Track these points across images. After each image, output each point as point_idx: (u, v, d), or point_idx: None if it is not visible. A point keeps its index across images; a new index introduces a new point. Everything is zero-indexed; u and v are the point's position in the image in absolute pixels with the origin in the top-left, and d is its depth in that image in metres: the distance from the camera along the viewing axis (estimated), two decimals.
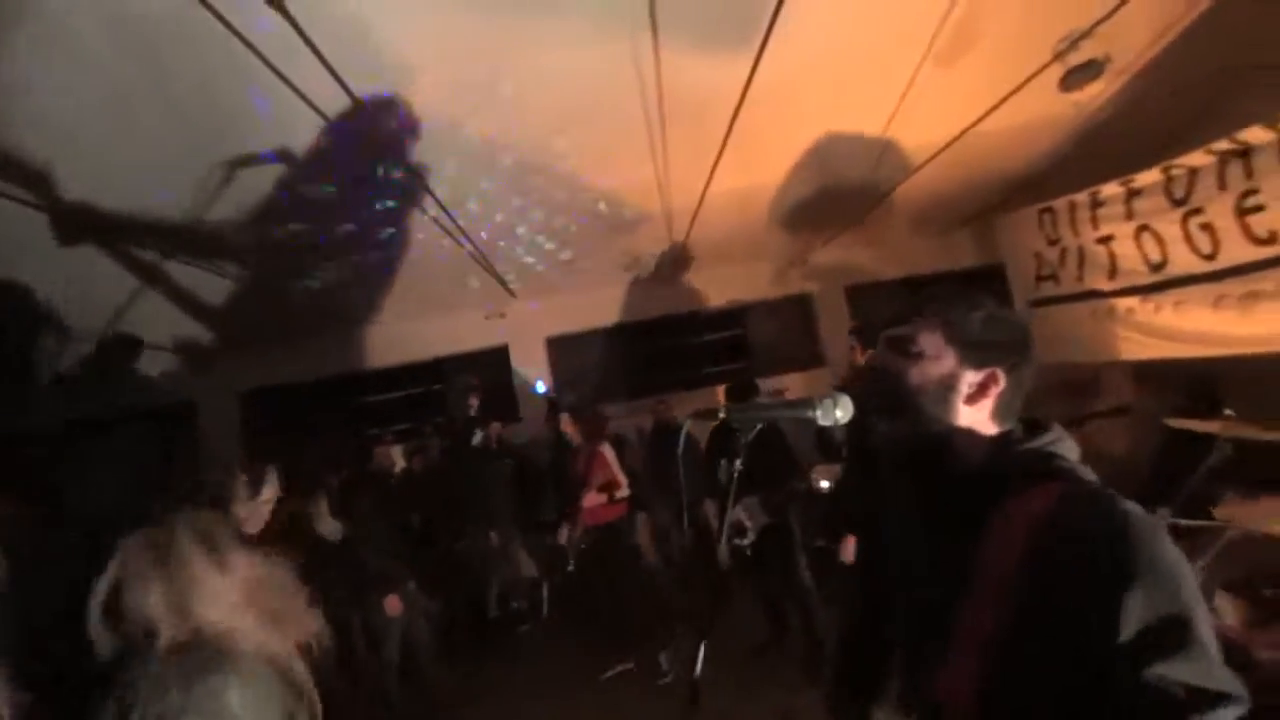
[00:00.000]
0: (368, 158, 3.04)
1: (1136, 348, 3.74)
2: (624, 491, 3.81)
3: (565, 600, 4.67)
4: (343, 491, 3.38)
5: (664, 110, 3.07)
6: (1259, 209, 2.95)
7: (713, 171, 3.59)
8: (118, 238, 3.21)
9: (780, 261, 5.87)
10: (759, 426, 1.06)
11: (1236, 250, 3.08)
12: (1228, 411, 2.56)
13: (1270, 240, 2.94)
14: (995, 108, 3.37)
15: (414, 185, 3.28)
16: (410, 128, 2.83)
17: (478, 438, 4.43)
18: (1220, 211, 3.11)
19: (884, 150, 3.90)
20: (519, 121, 3.01)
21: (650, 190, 3.90)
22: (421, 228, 3.80)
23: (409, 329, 5.58)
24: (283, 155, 2.88)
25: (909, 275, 6.05)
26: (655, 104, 3.01)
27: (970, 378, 0.94)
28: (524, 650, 4.48)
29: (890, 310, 1.03)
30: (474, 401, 4.43)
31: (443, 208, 3.51)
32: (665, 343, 6.11)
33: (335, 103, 2.50)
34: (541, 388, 5.67)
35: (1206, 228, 3.20)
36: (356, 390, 5.73)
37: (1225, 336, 3.19)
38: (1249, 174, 2.98)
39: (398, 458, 4.59)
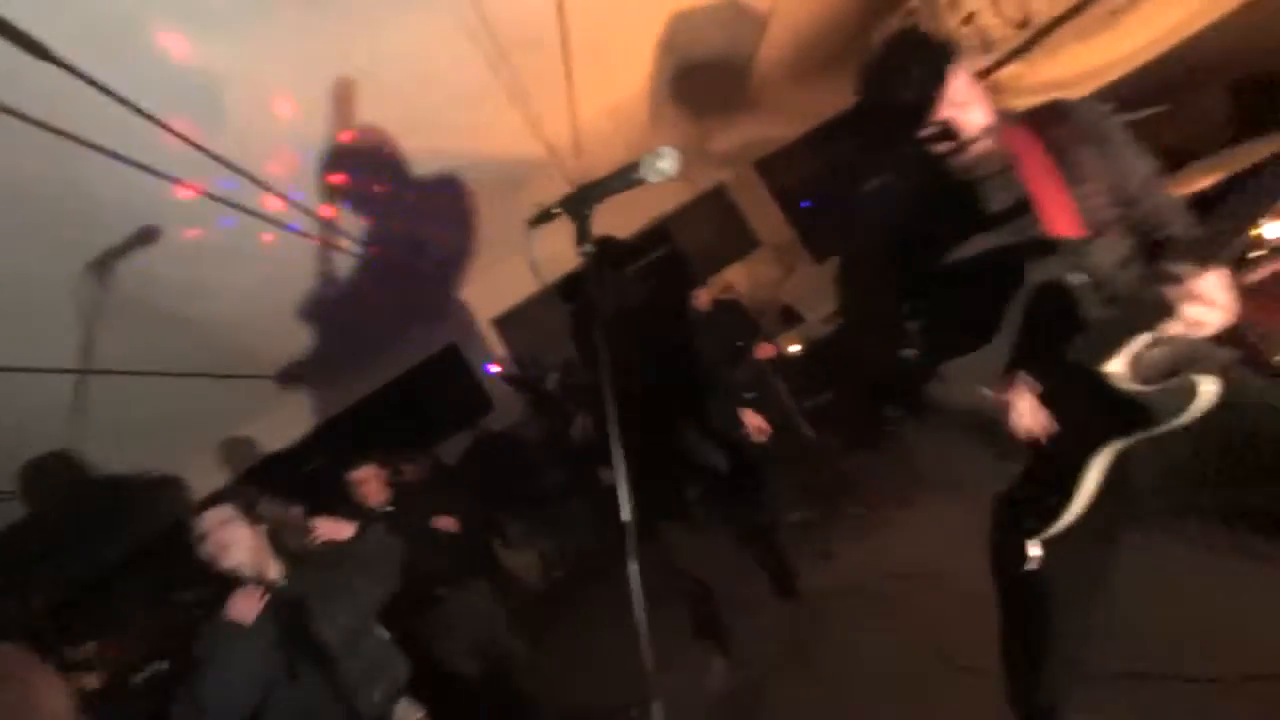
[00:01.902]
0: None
1: None
2: None
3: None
4: None
5: (501, 49, 2.98)
6: None
7: (571, 97, 3.50)
8: None
9: (682, 161, 5.80)
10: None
11: None
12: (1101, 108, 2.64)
13: None
14: None
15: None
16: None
17: None
18: None
19: (729, 10, 3.82)
20: (377, 110, 2.91)
21: (525, 136, 3.81)
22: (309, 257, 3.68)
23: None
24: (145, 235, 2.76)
25: (812, 129, 6.02)
26: (490, 46, 2.91)
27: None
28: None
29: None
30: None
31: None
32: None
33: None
34: (493, 369, 5.56)
35: None
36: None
37: (1102, 65, 3.23)
38: None
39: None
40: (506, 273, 5.65)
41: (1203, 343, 1.17)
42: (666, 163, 1.03)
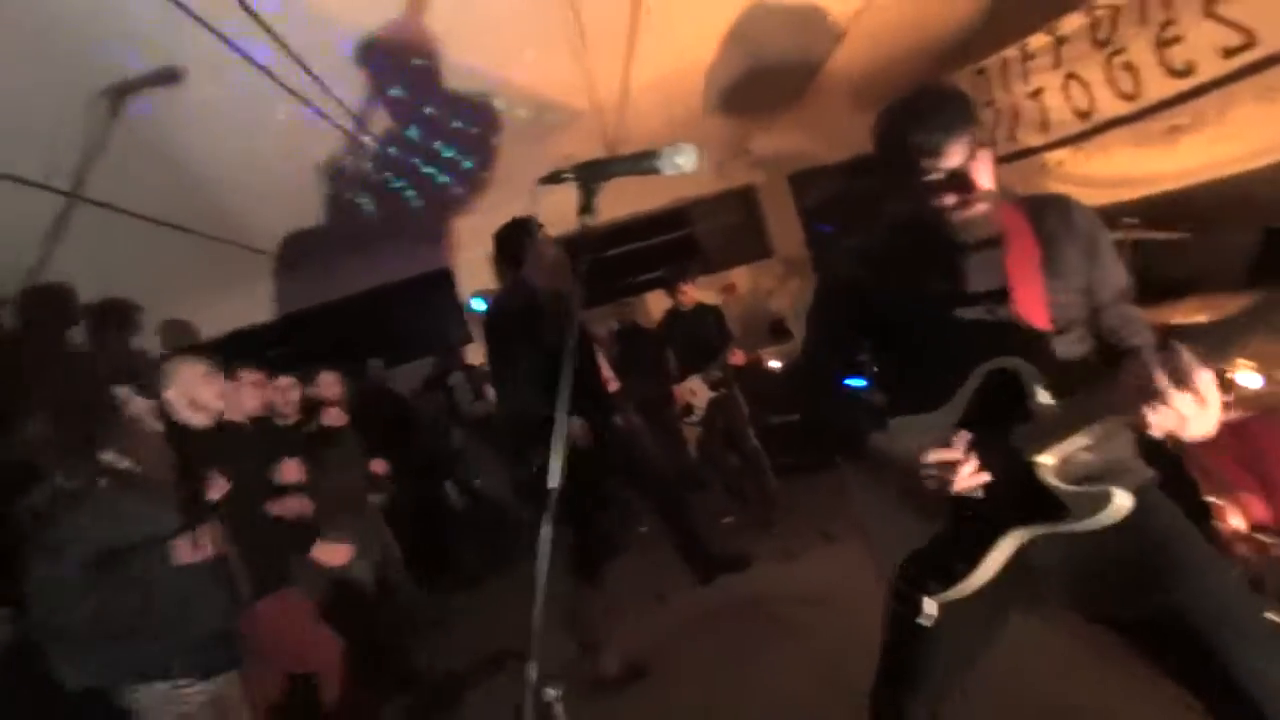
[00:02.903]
0: None
1: None
2: (614, 385, 4.05)
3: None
4: None
5: None
6: (1176, 40, 2.94)
7: (629, 59, 3.43)
8: None
9: (721, 153, 5.75)
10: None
11: (1156, 87, 3.09)
12: (1129, 219, 2.67)
13: (1187, 72, 2.95)
14: None
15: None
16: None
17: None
18: (1141, 48, 3.09)
19: (808, 17, 3.76)
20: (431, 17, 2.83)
21: (573, 87, 3.74)
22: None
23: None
24: (167, 74, 2.67)
25: (854, 157, 5.98)
26: None
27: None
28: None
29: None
30: None
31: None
32: (615, 248, 6.03)
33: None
34: (479, 305, 5.50)
35: (1128, 67, 3.19)
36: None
37: (1150, 175, 3.24)
38: (1166, 4, 2.95)
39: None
40: (519, 212, 5.60)
41: (1130, 457, 1.26)
42: (684, 159, 1.05)
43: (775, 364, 3.84)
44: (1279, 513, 2.08)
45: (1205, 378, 0.97)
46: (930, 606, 1.24)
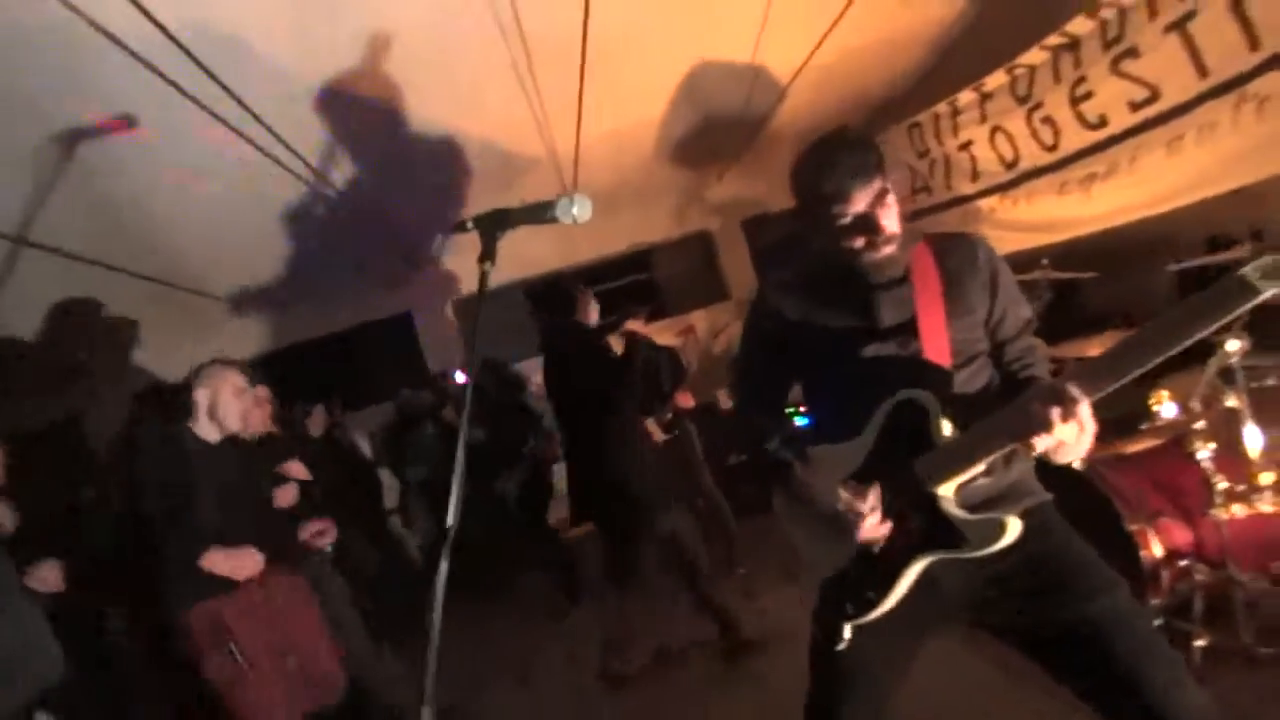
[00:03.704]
0: None
1: (999, 243, 3.95)
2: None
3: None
4: None
5: (527, 47, 3.04)
6: (1089, 95, 3.18)
7: (579, 112, 3.58)
8: None
9: (678, 200, 5.94)
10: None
11: (1074, 138, 3.33)
12: (1044, 261, 2.83)
13: (1101, 124, 3.19)
14: (840, 18, 3.45)
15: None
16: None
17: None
18: (1057, 103, 3.34)
19: (755, 76, 3.98)
20: (375, 72, 2.93)
21: (530, 133, 3.86)
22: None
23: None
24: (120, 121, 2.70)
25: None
26: (517, 39, 2.97)
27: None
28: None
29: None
30: None
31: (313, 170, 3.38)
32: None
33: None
34: (460, 377, 5.48)
35: (1047, 121, 3.43)
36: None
37: (1071, 220, 3.46)
38: (1077, 64, 3.20)
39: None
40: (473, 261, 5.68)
41: (1028, 480, 1.32)
42: (579, 209, 1.13)
43: (731, 404, 3.91)
44: (1199, 537, 2.17)
45: (1084, 408, 1.03)
46: (847, 631, 1.27)
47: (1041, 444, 1.06)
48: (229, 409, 2.43)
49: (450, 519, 0.98)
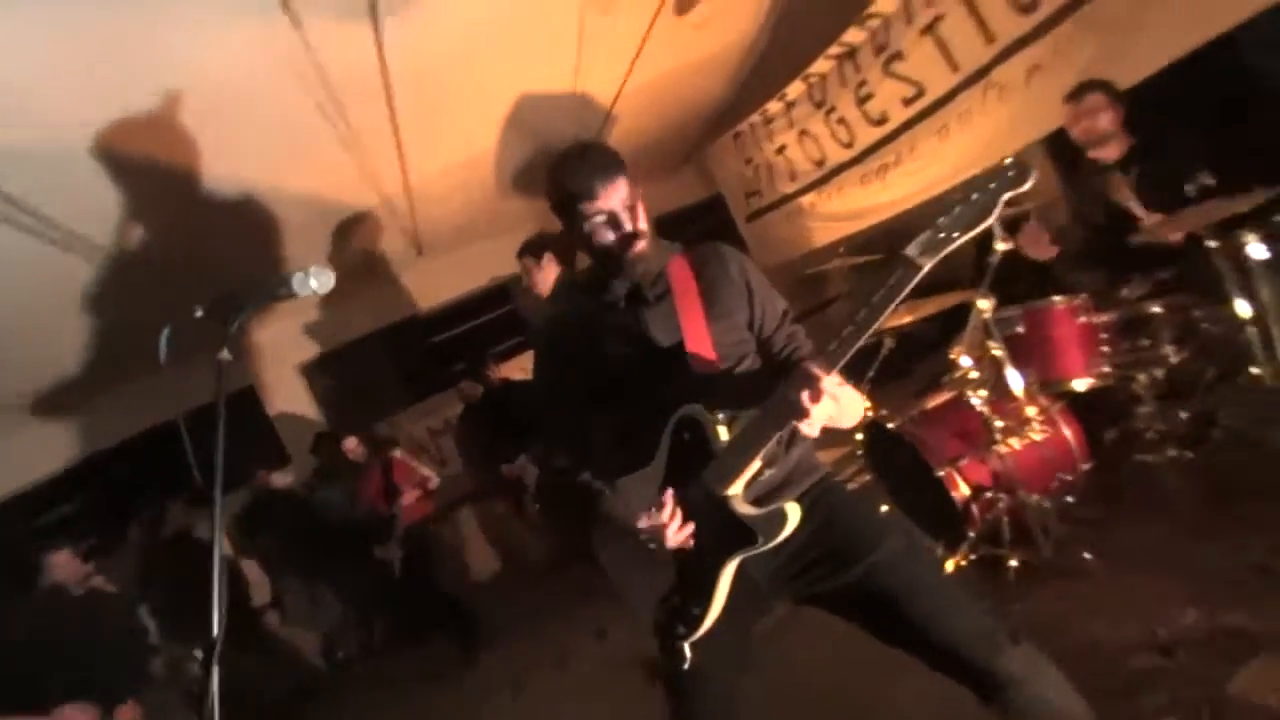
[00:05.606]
0: None
1: (822, 234, 4.38)
2: (435, 482, 4.33)
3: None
4: None
5: (334, 93, 2.94)
6: (870, 96, 3.57)
7: (400, 152, 3.51)
8: None
9: (536, 227, 5.93)
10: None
11: (865, 135, 3.72)
12: (840, 249, 3.12)
13: (883, 120, 3.58)
14: (641, 47, 3.63)
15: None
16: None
17: None
18: (847, 105, 3.72)
19: (581, 102, 4.09)
20: (173, 129, 2.72)
21: (354, 180, 3.73)
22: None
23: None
24: None
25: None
26: (319, 86, 2.87)
27: None
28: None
29: None
30: None
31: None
32: (440, 334, 5.94)
33: None
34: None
35: (842, 121, 3.81)
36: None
37: (874, 207, 3.84)
38: (857, 69, 3.58)
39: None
40: (320, 317, 5.38)
41: (808, 458, 1.40)
42: (318, 281, 1.13)
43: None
44: (994, 471, 2.42)
45: (830, 380, 1.09)
46: (687, 650, 1.30)
47: (805, 427, 1.13)
48: None
49: (215, 629, 0.94)
